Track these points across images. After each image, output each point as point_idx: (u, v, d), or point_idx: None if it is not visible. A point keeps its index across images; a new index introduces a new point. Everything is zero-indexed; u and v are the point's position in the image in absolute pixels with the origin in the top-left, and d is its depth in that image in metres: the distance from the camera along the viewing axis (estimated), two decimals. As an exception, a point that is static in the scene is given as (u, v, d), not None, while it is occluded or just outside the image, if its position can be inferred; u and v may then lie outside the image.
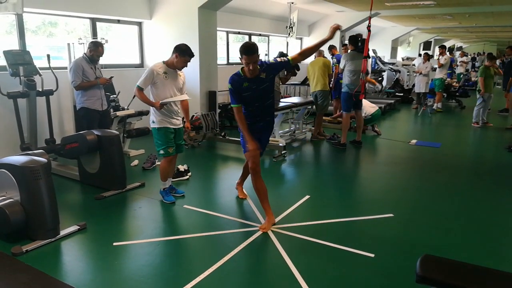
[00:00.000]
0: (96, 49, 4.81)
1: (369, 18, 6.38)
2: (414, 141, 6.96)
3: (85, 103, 4.81)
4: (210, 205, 4.04)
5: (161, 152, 3.95)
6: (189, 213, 3.85)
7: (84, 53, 4.87)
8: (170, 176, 4.19)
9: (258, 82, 3.41)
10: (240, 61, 3.34)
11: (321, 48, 7.88)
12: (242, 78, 3.39)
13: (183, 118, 4.18)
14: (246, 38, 10.35)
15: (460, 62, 15.52)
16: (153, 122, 3.90)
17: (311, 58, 8.18)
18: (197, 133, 6.56)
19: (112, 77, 5.13)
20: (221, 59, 9.15)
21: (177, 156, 4.23)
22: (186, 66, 3.92)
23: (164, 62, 3.86)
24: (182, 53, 3.80)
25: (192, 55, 3.86)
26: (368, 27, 6.15)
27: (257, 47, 3.30)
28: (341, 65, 6.41)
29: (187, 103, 4.16)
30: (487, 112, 8.75)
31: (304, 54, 3.54)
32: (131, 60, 7.45)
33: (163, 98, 3.82)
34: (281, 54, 6.97)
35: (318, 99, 6.84)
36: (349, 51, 6.48)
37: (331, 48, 8.33)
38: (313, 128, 7.28)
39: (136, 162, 5.42)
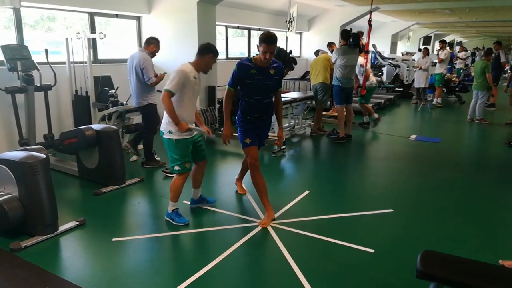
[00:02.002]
0: (158, 44, 4.93)
1: (370, 12, 6.37)
2: (413, 136, 6.95)
3: (151, 99, 4.90)
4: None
5: (176, 168, 3.41)
6: (188, 208, 3.83)
7: (143, 49, 4.85)
8: (197, 187, 3.74)
9: (265, 75, 3.40)
10: (239, 57, 3.34)
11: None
12: (251, 65, 3.38)
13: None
14: (245, 33, 10.30)
15: (457, 57, 15.48)
16: (170, 132, 3.34)
17: (312, 55, 8.19)
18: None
19: (165, 73, 5.12)
20: (220, 53, 9.09)
21: (206, 163, 3.74)
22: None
23: (191, 64, 3.39)
24: (216, 53, 3.48)
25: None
26: (369, 21, 6.15)
27: (277, 38, 3.32)
28: (333, 59, 6.43)
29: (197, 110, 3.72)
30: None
31: (277, 102, 3.69)
32: (130, 55, 7.38)
33: (189, 107, 3.38)
34: (279, 49, 6.90)
35: (318, 93, 6.82)
36: (341, 45, 6.49)
37: (330, 44, 8.31)
38: (313, 123, 7.27)
39: (135, 157, 5.40)
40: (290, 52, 7.34)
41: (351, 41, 6.27)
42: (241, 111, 3.61)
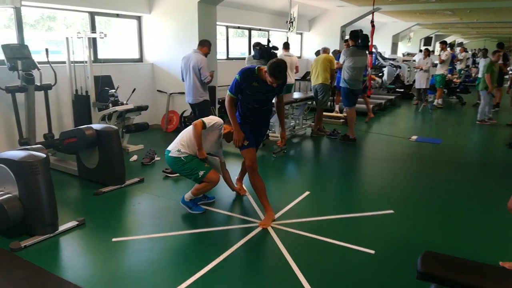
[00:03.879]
0: (210, 46, 5.46)
1: (372, 13, 6.35)
2: (414, 137, 6.94)
3: (206, 95, 5.37)
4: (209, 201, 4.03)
5: (202, 174, 3.54)
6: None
7: (198, 50, 5.26)
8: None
9: (267, 88, 3.36)
10: (239, 57, 3.33)
11: (327, 46, 7.81)
12: (255, 77, 3.34)
13: None
14: (246, 33, 10.30)
15: (457, 59, 15.48)
16: (179, 151, 3.57)
17: (313, 56, 8.15)
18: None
19: (213, 71, 5.58)
20: (221, 54, 9.11)
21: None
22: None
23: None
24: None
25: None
26: (372, 22, 6.13)
27: (286, 72, 3.29)
28: (341, 61, 6.39)
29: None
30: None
31: (278, 103, 3.70)
32: (130, 54, 7.41)
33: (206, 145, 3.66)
34: (261, 48, 6.81)
35: (319, 93, 6.81)
36: (350, 46, 6.45)
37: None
38: (313, 123, 7.26)
39: (135, 157, 5.40)
40: (269, 41, 7.03)
41: (360, 42, 6.23)
42: (240, 114, 3.61)
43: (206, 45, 5.36)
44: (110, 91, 5.44)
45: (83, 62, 5.55)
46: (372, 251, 3.03)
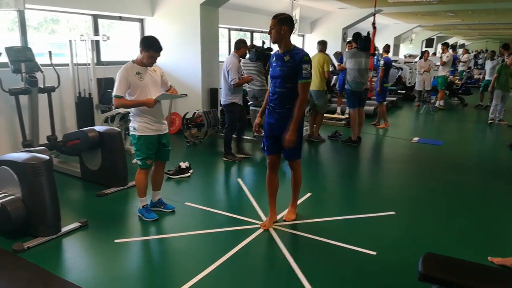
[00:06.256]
0: (246, 47, 5.19)
1: (374, 15, 6.37)
2: (416, 138, 6.94)
3: (235, 99, 5.17)
4: (211, 202, 4.04)
5: (139, 163, 3.55)
6: (190, 210, 3.85)
7: (234, 53, 5.14)
8: (157, 189, 3.78)
9: (280, 61, 3.16)
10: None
11: (324, 39, 7.57)
12: (275, 53, 3.28)
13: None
14: (248, 35, 10.33)
15: (459, 61, 15.48)
16: (134, 128, 3.43)
17: (311, 53, 8.04)
18: (198, 131, 6.55)
19: (251, 76, 5.45)
20: (223, 56, 9.13)
21: (165, 164, 3.78)
22: (155, 62, 3.54)
23: (133, 62, 3.48)
24: (146, 47, 3.41)
25: (158, 49, 3.45)
26: (373, 24, 6.15)
27: (283, 17, 3.12)
28: (344, 63, 6.42)
29: None
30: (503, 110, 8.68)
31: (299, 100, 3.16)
32: (133, 57, 7.41)
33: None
34: (256, 50, 6.72)
35: (314, 99, 6.64)
36: (352, 48, 6.48)
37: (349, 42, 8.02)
38: (314, 126, 7.21)
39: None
40: (263, 42, 6.84)
41: (358, 43, 6.24)
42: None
43: (241, 47, 5.15)
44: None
45: (86, 65, 5.58)
46: (374, 253, 3.03)
